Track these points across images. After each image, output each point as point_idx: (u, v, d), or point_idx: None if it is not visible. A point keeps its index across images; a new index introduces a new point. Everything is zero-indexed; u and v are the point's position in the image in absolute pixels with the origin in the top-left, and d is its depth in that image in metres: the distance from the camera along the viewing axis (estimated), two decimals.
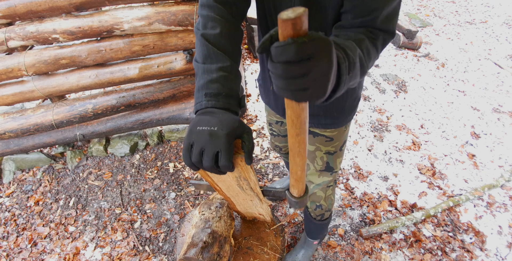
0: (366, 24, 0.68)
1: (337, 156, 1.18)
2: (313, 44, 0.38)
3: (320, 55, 0.39)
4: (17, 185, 2.31)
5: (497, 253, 1.80)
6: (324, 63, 0.40)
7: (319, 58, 0.39)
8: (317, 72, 0.40)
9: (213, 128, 0.59)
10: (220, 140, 0.57)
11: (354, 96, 1.02)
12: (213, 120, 0.61)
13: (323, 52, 0.39)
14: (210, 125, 0.59)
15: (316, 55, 0.39)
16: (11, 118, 2.11)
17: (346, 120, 1.08)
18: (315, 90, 0.42)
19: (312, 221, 1.44)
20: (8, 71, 1.92)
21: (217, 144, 0.57)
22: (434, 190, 2.18)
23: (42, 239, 1.96)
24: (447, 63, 3.72)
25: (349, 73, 0.52)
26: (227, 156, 0.57)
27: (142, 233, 1.94)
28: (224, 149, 0.57)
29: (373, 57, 0.66)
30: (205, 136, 0.58)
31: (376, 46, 0.68)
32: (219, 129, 0.58)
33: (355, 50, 0.57)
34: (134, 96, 2.11)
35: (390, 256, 1.78)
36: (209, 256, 0.94)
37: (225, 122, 0.60)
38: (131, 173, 2.32)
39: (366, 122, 2.77)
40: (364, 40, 0.64)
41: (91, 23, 1.80)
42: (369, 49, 0.64)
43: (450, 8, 5.23)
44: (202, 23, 0.76)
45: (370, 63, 0.65)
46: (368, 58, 0.63)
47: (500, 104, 3.04)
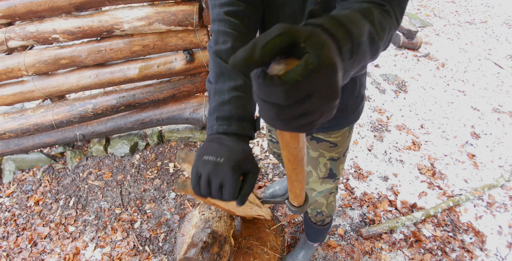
0: None
1: (341, 162, 1.16)
2: (311, 80, 0.27)
3: (321, 91, 0.29)
4: (17, 185, 2.31)
5: (497, 253, 1.80)
6: (328, 99, 0.30)
7: (321, 96, 0.29)
8: (320, 111, 0.31)
9: (219, 159, 0.54)
10: (224, 175, 0.53)
11: (355, 94, 0.98)
12: (221, 149, 0.57)
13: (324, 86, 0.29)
14: (217, 156, 0.55)
15: (315, 92, 0.29)
16: (11, 118, 2.11)
17: (350, 120, 1.05)
18: (321, 120, 0.34)
19: (312, 226, 1.43)
20: (8, 71, 1.92)
21: (221, 177, 0.54)
22: (434, 190, 2.18)
23: (42, 239, 1.96)
24: (447, 63, 3.72)
25: (352, 56, 0.41)
26: (230, 191, 0.54)
27: (142, 233, 1.94)
28: (228, 185, 0.53)
29: (388, 27, 0.54)
30: (210, 167, 0.54)
31: (389, 13, 0.55)
32: (225, 161, 0.54)
33: (360, 24, 0.45)
34: (134, 96, 2.11)
35: (390, 256, 1.78)
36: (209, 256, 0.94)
37: (233, 154, 0.56)
38: (131, 173, 2.32)
39: (366, 122, 2.77)
40: (372, 10, 0.52)
41: (91, 23, 1.80)
42: (381, 20, 0.52)
43: (450, 8, 5.23)
44: (214, 39, 0.72)
45: (385, 36, 0.53)
46: (382, 31, 0.51)
47: (500, 104, 3.04)
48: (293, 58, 0.30)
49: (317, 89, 0.29)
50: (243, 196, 0.56)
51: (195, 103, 2.22)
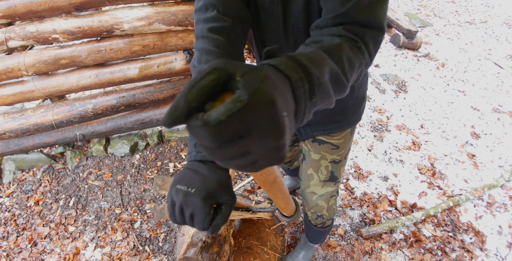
0: (341, 20, 0.55)
1: (342, 164, 1.15)
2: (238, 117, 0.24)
3: (257, 129, 0.26)
4: (17, 185, 2.31)
5: (497, 253, 1.80)
6: (267, 137, 0.27)
7: (258, 133, 0.26)
8: (261, 147, 0.28)
9: (190, 189, 0.54)
10: (195, 206, 0.53)
11: (355, 95, 0.97)
12: (194, 179, 0.56)
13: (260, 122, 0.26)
14: (189, 186, 0.55)
15: (250, 130, 0.26)
16: (11, 118, 2.11)
17: (351, 121, 1.04)
18: (269, 161, 0.31)
19: (313, 228, 1.42)
20: (8, 71, 1.92)
21: (192, 208, 0.54)
22: (434, 190, 2.18)
23: (42, 239, 1.96)
24: (447, 63, 3.72)
25: (312, 98, 0.39)
26: (200, 222, 0.54)
27: (142, 233, 1.94)
28: (198, 215, 0.53)
29: (357, 65, 0.52)
30: (181, 197, 0.54)
31: (360, 49, 0.53)
32: (196, 192, 0.54)
33: (323, 64, 0.43)
34: (134, 96, 2.11)
35: (390, 256, 1.78)
36: (208, 256, 0.94)
37: (205, 184, 0.55)
38: (131, 173, 2.32)
39: (366, 122, 2.77)
40: (341, 46, 0.50)
41: (91, 23, 1.80)
42: (350, 57, 0.50)
43: (450, 8, 5.23)
44: (197, 57, 0.70)
45: (353, 74, 0.51)
46: (351, 68, 0.50)
47: (500, 104, 3.04)
48: (229, 93, 0.27)
49: (250, 128, 0.26)
50: (214, 227, 0.55)
51: None
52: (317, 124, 1.01)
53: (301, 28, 0.73)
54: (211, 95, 0.27)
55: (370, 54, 0.55)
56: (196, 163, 0.61)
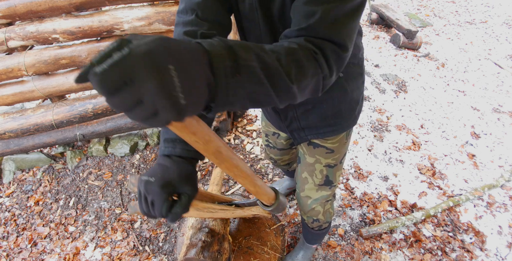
0: (304, 34, 0.56)
1: (337, 169, 1.13)
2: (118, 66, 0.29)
3: (137, 75, 0.30)
4: (17, 185, 2.31)
5: (497, 253, 1.80)
6: (147, 81, 0.30)
7: (139, 79, 0.30)
8: (148, 94, 0.31)
9: (151, 178, 0.58)
10: (153, 192, 0.57)
11: (348, 99, 0.95)
12: (156, 170, 0.61)
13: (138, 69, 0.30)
14: (151, 175, 0.59)
15: (132, 77, 0.30)
16: (11, 118, 2.11)
17: (346, 125, 1.02)
18: (165, 112, 0.33)
19: (310, 231, 1.41)
20: (8, 71, 1.92)
21: (152, 196, 0.58)
22: (434, 190, 2.18)
23: (42, 239, 1.96)
24: (447, 63, 3.72)
25: (235, 75, 0.41)
26: (158, 209, 0.57)
27: (142, 233, 1.94)
28: (156, 202, 0.57)
29: (310, 72, 0.52)
30: (143, 186, 0.59)
31: (317, 59, 0.53)
32: (156, 180, 0.58)
33: (256, 52, 0.45)
34: None
35: (390, 256, 1.78)
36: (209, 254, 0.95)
37: (165, 173, 0.60)
38: (131, 173, 2.32)
39: (366, 122, 2.77)
40: (294, 50, 0.51)
41: (91, 23, 1.80)
42: (301, 62, 0.50)
43: (450, 8, 5.24)
44: None
45: (303, 79, 0.51)
46: (300, 73, 0.50)
47: (500, 104, 3.04)
48: None
49: (132, 75, 0.30)
50: (172, 215, 0.58)
51: None
52: (310, 128, 1.00)
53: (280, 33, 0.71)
54: None
55: (330, 67, 0.55)
56: (162, 158, 0.66)
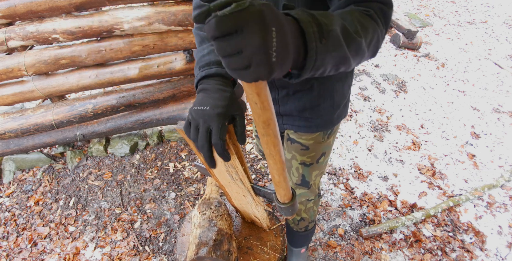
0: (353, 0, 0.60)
1: (313, 168, 1.10)
2: (236, 15, 0.35)
3: (248, 27, 0.35)
4: (17, 185, 2.31)
5: (497, 253, 1.80)
6: (254, 35, 0.36)
7: (248, 31, 0.35)
8: (250, 46, 0.36)
9: (205, 107, 0.62)
10: (210, 119, 0.61)
11: (328, 99, 0.95)
12: (206, 99, 0.65)
13: (251, 22, 0.35)
14: (203, 105, 0.63)
15: (243, 27, 0.35)
16: (11, 118, 2.11)
17: (322, 125, 1.00)
18: (256, 67, 0.38)
19: (295, 233, 1.39)
20: (8, 71, 1.92)
21: (208, 123, 0.61)
22: (434, 190, 2.18)
23: (42, 239, 1.96)
24: (447, 63, 3.72)
25: (322, 40, 0.45)
26: (217, 133, 0.61)
27: (142, 233, 1.94)
28: (215, 127, 0.61)
29: (371, 29, 0.56)
30: (199, 115, 0.62)
31: (372, 16, 0.57)
32: (211, 108, 0.62)
33: (330, 16, 0.49)
34: (134, 96, 2.11)
35: (390, 256, 1.78)
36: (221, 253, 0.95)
37: (217, 100, 0.64)
38: (131, 173, 2.32)
39: (366, 122, 2.77)
40: (352, 11, 0.55)
41: (91, 23, 1.80)
42: (361, 20, 0.54)
43: (450, 8, 5.23)
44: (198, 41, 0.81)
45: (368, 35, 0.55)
46: (364, 29, 0.54)
47: (500, 104, 3.04)
48: None
49: (243, 26, 0.35)
50: (241, 136, 0.66)
51: None
52: (288, 116, 1.01)
53: None
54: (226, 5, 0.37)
55: (382, 23, 0.59)
56: (203, 86, 0.69)
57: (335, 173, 2.30)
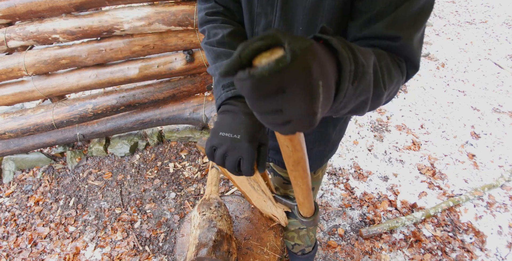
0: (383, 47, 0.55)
1: None
2: (278, 76, 0.28)
3: (292, 88, 0.29)
4: (17, 185, 2.31)
5: (497, 253, 1.80)
6: (300, 96, 0.30)
7: (292, 92, 0.30)
8: (294, 107, 0.31)
9: (236, 136, 0.58)
10: (243, 149, 0.57)
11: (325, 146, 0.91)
12: (235, 125, 0.59)
13: (296, 83, 0.29)
14: (233, 132, 0.58)
15: (286, 88, 0.29)
16: (11, 118, 2.11)
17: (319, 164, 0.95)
18: (297, 124, 0.34)
19: (295, 256, 1.37)
20: (8, 71, 1.92)
21: (240, 152, 0.57)
22: (434, 190, 2.18)
23: (42, 239, 1.96)
24: (447, 63, 3.72)
25: (354, 82, 0.39)
26: (249, 164, 0.58)
27: (142, 233, 1.94)
28: (247, 158, 0.57)
29: (395, 79, 0.51)
30: (228, 143, 0.58)
31: (401, 68, 0.54)
32: (243, 138, 0.57)
33: (369, 56, 0.44)
34: (134, 96, 2.11)
35: (390, 256, 1.78)
36: (221, 254, 0.95)
37: (248, 128, 0.59)
38: (131, 173, 2.32)
39: (366, 122, 2.77)
40: (385, 55, 0.51)
41: (91, 23, 1.80)
42: (389, 66, 0.50)
43: (450, 8, 5.23)
44: (206, 36, 0.76)
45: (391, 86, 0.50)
46: (389, 77, 0.49)
47: (500, 104, 3.04)
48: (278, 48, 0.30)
49: (286, 87, 0.29)
50: (262, 166, 0.61)
51: (195, 103, 2.22)
52: (274, 150, 0.95)
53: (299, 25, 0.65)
54: None
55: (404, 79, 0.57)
56: (229, 106, 0.63)
57: (335, 173, 2.30)
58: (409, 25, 0.53)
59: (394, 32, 0.53)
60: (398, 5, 0.51)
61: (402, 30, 0.53)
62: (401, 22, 0.52)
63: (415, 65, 0.58)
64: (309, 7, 0.60)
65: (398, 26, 0.53)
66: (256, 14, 0.69)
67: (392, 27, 0.53)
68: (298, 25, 0.64)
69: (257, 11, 0.68)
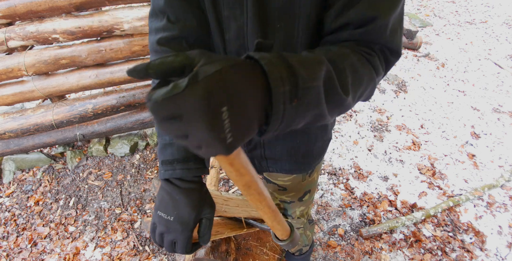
0: (358, 37, 0.51)
1: (296, 206, 1.04)
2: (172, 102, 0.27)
3: (187, 115, 0.28)
4: (17, 185, 2.31)
5: (497, 253, 1.80)
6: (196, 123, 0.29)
7: (188, 119, 0.28)
8: (195, 133, 0.30)
9: (169, 217, 0.57)
10: (177, 233, 0.57)
11: (326, 137, 0.85)
12: (169, 206, 0.58)
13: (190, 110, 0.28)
14: (167, 214, 0.58)
15: (181, 116, 0.28)
16: (11, 118, 2.11)
17: (313, 165, 0.91)
18: (209, 148, 0.32)
19: (292, 256, 1.38)
20: (8, 71, 1.92)
21: (174, 235, 0.57)
22: (434, 190, 2.18)
23: (42, 239, 1.96)
24: (447, 63, 3.72)
25: (293, 101, 0.36)
26: (182, 248, 0.57)
27: (142, 233, 1.94)
28: (180, 241, 0.57)
29: (366, 78, 0.48)
30: (162, 224, 0.58)
31: (372, 62, 0.50)
32: (175, 221, 0.57)
33: (319, 65, 0.40)
34: (134, 96, 2.11)
35: (390, 256, 1.78)
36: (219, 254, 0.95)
37: (182, 211, 0.57)
38: (131, 173, 2.32)
39: (366, 122, 2.77)
40: (350, 54, 0.47)
41: (91, 23, 1.80)
42: (355, 66, 0.46)
43: (450, 8, 5.23)
44: None
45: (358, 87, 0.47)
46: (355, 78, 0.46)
47: (500, 104, 3.04)
48: None
49: (182, 114, 0.28)
50: (203, 239, 0.60)
51: None
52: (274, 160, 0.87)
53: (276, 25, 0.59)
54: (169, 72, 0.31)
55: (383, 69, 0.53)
56: (165, 184, 0.61)
57: (335, 173, 2.30)
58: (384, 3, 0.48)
59: (369, 12, 0.48)
60: None
61: (377, 9, 0.48)
62: (377, 2, 0.48)
63: (394, 50, 0.53)
64: (283, 1, 0.55)
65: (373, 6, 0.48)
66: (224, 17, 0.60)
67: (367, 9, 0.48)
68: (274, 23, 0.58)
69: (224, 14, 0.59)
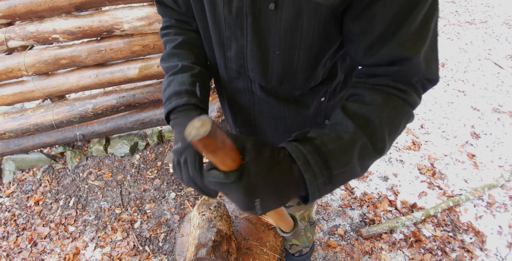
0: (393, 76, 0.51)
1: (295, 210, 1.06)
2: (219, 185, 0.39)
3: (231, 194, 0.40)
4: (17, 185, 2.31)
5: (497, 253, 1.80)
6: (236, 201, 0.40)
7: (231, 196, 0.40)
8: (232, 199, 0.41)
9: (178, 144, 0.60)
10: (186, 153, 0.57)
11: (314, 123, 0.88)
12: (178, 136, 0.62)
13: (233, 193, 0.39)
14: (176, 142, 0.61)
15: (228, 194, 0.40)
16: (11, 118, 2.11)
17: None
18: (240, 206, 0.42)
19: (292, 258, 1.38)
20: (8, 71, 1.92)
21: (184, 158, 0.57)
22: (434, 190, 2.18)
23: (42, 239, 1.96)
24: (447, 63, 3.72)
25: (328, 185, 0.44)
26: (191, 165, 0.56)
27: (142, 233, 1.94)
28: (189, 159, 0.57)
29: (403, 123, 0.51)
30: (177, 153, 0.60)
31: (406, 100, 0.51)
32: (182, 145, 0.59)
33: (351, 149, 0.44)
34: (134, 96, 2.11)
35: (390, 256, 1.78)
36: (220, 254, 0.95)
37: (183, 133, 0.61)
38: (131, 173, 2.32)
39: None
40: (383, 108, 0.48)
41: (91, 23, 1.80)
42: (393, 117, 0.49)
43: (450, 8, 5.23)
44: None
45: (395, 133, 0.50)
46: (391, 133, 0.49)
47: (500, 104, 3.04)
48: None
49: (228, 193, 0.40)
50: None
51: None
52: None
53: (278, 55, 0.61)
54: None
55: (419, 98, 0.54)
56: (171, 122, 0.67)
57: None
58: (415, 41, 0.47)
59: (402, 53, 0.47)
60: (400, 23, 0.45)
61: (410, 49, 0.47)
62: (407, 42, 0.47)
63: (432, 79, 0.53)
64: (284, 29, 0.54)
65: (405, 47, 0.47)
66: (226, 37, 0.63)
67: (399, 50, 0.47)
68: (274, 49, 0.59)
69: (226, 35, 0.62)
